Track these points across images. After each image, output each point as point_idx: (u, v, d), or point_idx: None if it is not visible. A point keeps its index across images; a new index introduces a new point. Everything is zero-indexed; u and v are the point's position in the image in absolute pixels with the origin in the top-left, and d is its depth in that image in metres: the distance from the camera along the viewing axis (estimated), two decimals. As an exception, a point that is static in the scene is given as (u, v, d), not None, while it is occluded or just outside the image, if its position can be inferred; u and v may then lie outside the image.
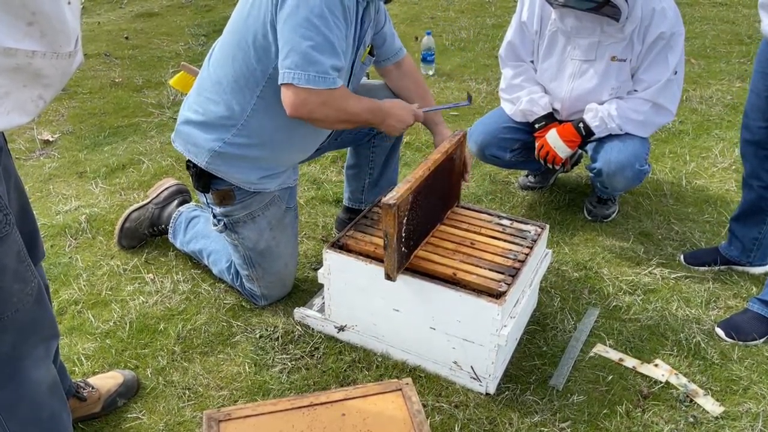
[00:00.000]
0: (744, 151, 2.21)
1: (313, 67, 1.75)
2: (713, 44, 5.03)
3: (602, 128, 2.50)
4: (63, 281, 2.35)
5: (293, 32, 1.75)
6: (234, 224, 2.10)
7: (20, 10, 0.96)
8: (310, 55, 1.74)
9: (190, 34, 5.40)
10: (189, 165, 2.08)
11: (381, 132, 2.34)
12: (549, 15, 2.50)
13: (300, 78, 1.75)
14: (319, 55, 1.75)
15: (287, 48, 1.77)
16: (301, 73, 1.75)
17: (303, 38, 1.74)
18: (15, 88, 1.03)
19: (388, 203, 1.70)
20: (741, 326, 2.08)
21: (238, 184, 2.03)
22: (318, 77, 1.76)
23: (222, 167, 2.00)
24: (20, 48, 0.99)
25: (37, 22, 0.99)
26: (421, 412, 1.47)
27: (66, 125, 3.68)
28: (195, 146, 2.02)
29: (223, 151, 1.98)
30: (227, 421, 1.45)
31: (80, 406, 1.75)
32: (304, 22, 1.73)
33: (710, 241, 2.59)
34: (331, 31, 1.76)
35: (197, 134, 2.01)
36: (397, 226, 1.74)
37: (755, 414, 1.81)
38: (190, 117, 2.04)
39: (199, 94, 2.03)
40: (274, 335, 2.09)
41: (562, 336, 2.10)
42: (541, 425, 1.77)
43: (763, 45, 2.03)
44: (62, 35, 1.03)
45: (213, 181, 2.05)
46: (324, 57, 1.75)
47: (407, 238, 1.84)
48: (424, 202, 1.89)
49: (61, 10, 1.01)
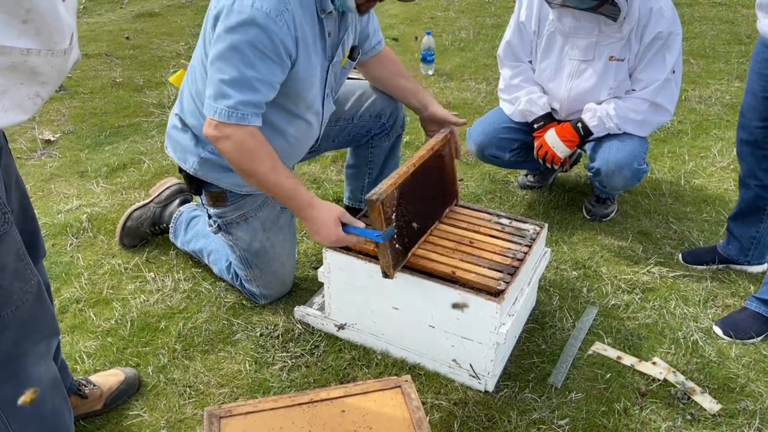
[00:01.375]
0: (741, 150, 2.22)
1: (222, 101, 1.75)
2: (712, 44, 5.04)
3: (601, 128, 2.51)
4: (64, 280, 2.36)
5: (212, 64, 1.76)
6: (227, 225, 2.11)
7: (15, 8, 0.97)
8: (221, 88, 1.74)
9: (190, 34, 5.41)
10: (180, 168, 2.10)
11: (379, 132, 2.35)
12: (547, 15, 2.51)
13: (209, 109, 1.77)
14: (229, 89, 1.74)
15: (207, 77, 1.80)
16: (213, 105, 1.76)
17: (218, 71, 1.75)
18: (12, 86, 1.04)
19: (371, 198, 1.72)
20: (739, 324, 2.09)
21: (228, 187, 2.05)
22: (226, 111, 1.74)
23: (210, 173, 2.02)
24: (15, 46, 0.99)
25: (31, 20, 0.99)
26: (421, 409, 1.48)
27: (67, 125, 3.69)
28: (183, 152, 2.05)
29: (207, 158, 2.00)
30: (228, 418, 1.46)
31: (82, 403, 1.76)
32: (223, 54, 1.73)
33: (708, 240, 2.61)
34: (249, 67, 1.72)
35: (184, 141, 2.04)
36: (384, 221, 1.75)
37: (752, 412, 1.82)
38: (176, 123, 2.07)
39: (184, 102, 2.05)
40: (275, 333, 2.11)
41: (561, 334, 2.11)
42: (539, 423, 1.79)
43: (759, 45, 2.04)
44: (57, 32, 1.04)
45: (204, 184, 2.07)
46: (234, 91, 1.73)
47: (400, 235, 1.85)
48: (413, 199, 1.90)
49: (55, 8, 1.02)
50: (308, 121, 2.03)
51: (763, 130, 2.10)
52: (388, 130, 2.38)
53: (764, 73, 2.03)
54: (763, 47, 2.02)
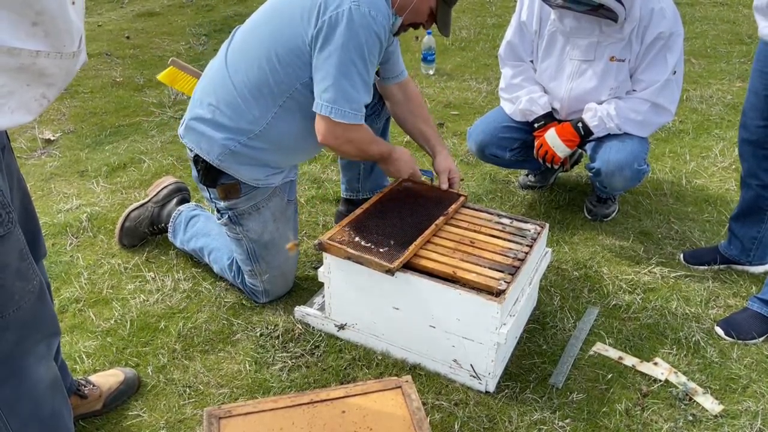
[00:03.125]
0: (742, 150, 2.21)
1: (349, 105, 1.88)
2: (714, 44, 5.03)
3: (601, 128, 2.50)
4: (64, 279, 2.36)
5: (336, 69, 1.85)
6: (239, 216, 2.11)
7: (25, 10, 0.97)
8: (348, 93, 1.87)
9: (191, 34, 5.40)
10: (197, 160, 2.08)
11: (370, 114, 2.39)
12: (548, 15, 2.51)
13: (336, 113, 1.88)
14: (355, 93, 1.88)
15: (327, 82, 1.87)
16: (338, 109, 1.88)
17: (344, 77, 1.85)
18: (19, 87, 1.03)
19: (317, 243, 1.95)
20: (740, 325, 2.09)
21: (245, 180, 2.06)
22: (351, 114, 1.89)
23: (233, 165, 2.03)
24: (24, 48, 0.99)
25: (41, 22, 0.99)
26: (421, 410, 1.47)
27: (67, 124, 3.69)
28: (208, 143, 2.04)
29: (237, 151, 2.01)
30: (228, 418, 1.46)
31: (81, 403, 1.76)
32: (348, 61, 1.84)
33: (710, 240, 2.60)
34: (367, 71, 1.89)
35: (210, 132, 2.03)
36: (344, 252, 1.89)
37: (754, 412, 1.81)
38: (202, 114, 2.04)
39: (214, 92, 2.03)
40: (275, 333, 2.10)
41: (562, 334, 2.10)
42: (540, 423, 1.78)
43: (761, 45, 2.03)
44: (66, 35, 1.04)
45: (220, 176, 2.06)
46: (359, 95, 1.89)
47: (377, 243, 1.91)
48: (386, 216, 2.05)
49: (65, 10, 1.02)
50: None
51: (765, 129, 2.09)
52: (379, 110, 2.41)
53: (767, 72, 2.02)
54: (765, 46, 2.01)
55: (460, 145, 3.41)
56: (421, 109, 2.37)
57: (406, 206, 2.12)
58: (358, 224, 2.01)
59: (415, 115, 2.34)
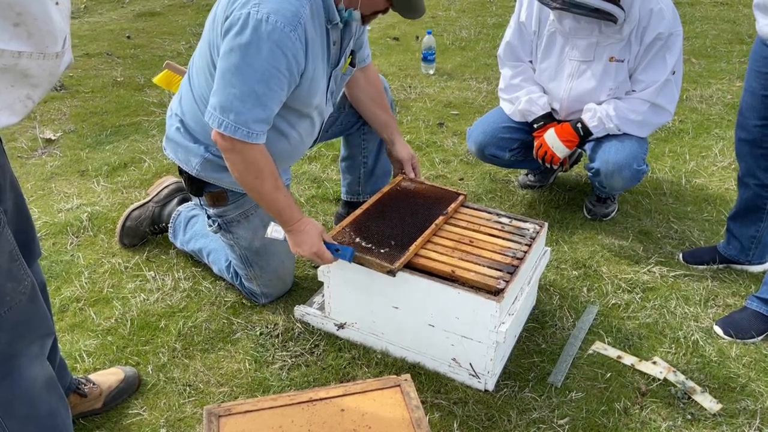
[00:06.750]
0: (739, 149, 2.21)
1: (231, 115, 1.73)
2: (714, 44, 5.04)
3: (600, 128, 2.51)
4: (65, 279, 2.37)
5: (222, 75, 1.74)
6: (228, 224, 2.11)
7: (6, 11, 0.97)
8: (231, 102, 1.73)
9: (191, 34, 5.41)
10: (181, 170, 2.10)
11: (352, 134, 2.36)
12: (547, 15, 2.51)
13: (214, 120, 1.76)
14: (239, 104, 1.72)
15: (215, 87, 1.76)
16: (218, 116, 1.75)
17: (228, 84, 1.72)
18: (3, 88, 1.04)
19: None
20: (739, 324, 2.09)
21: (228, 187, 2.05)
22: (233, 126, 1.74)
23: (212, 174, 2.02)
24: (6, 48, 0.99)
25: (23, 23, 0.99)
26: (420, 408, 1.48)
27: (68, 124, 3.70)
28: (185, 154, 2.04)
29: (211, 160, 2.00)
30: (227, 416, 1.46)
31: (81, 402, 1.76)
32: (236, 67, 1.71)
33: (709, 239, 2.60)
34: (261, 84, 1.72)
35: (185, 142, 2.04)
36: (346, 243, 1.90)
37: (753, 411, 1.82)
38: (176, 125, 2.06)
39: (184, 104, 2.04)
40: (275, 332, 2.11)
41: (561, 333, 2.11)
42: (539, 422, 1.78)
43: (757, 44, 2.04)
44: (49, 36, 1.04)
45: (205, 185, 2.07)
46: (245, 107, 1.73)
47: (378, 244, 1.91)
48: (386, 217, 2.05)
49: (47, 11, 1.02)
50: (312, 124, 2.05)
51: (762, 128, 2.09)
52: (366, 131, 2.40)
53: (763, 72, 2.03)
54: (761, 46, 2.02)
55: (459, 145, 3.41)
56: (380, 96, 2.31)
57: (405, 206, 2.12)
58: (359, 225, 2.01)
59: (374, 100, 2.30)
